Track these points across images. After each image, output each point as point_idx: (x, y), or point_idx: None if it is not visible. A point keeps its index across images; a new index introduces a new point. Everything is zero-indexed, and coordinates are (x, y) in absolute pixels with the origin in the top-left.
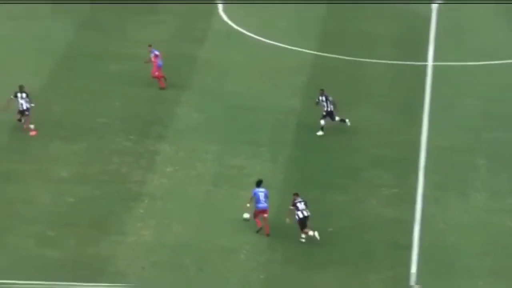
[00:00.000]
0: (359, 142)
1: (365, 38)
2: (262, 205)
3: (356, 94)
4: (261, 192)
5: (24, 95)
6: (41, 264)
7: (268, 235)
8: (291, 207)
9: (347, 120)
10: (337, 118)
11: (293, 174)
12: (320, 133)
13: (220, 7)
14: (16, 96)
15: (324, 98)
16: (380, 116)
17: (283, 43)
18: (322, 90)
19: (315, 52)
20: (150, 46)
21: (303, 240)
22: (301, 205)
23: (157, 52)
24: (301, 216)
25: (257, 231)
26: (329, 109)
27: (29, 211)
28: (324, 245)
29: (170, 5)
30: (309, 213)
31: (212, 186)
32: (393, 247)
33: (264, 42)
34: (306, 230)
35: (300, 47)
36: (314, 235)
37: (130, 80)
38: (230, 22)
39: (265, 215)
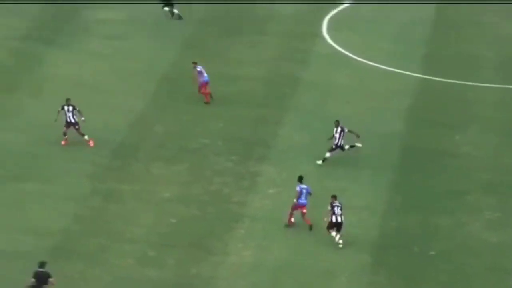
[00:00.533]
0: (464, 165)
1: (469, 61)
2: (303, 201)
3: (461, 117)
4: (304, 188)
5: (70, 108)
6: (141, 284)
7: (311, 226)
8: (329, 208)
9: (357, 144)
10: (346, 147)
11: (395, 197)
12: (319, 162)
13: (324, 29)
14: (62, 109)
15: (339, 130)
16: (485, 140)
17: (387, 66)
18: (338, 121)
19: (420, 75)
20: (195, 63)
21: (334, 234)
22: (337, 210)
23: (199, 69)
24: (334, 220)
25: (286, 226)
26: (339, 143)
27: (130, 231)
28: (427, 268)
29: (275, 26)
30: (343, 220)
31: (312, 208)
32: (496, 271)
33: (368, 64)
34: (331, 231)
35: (404, 70)
36: (338, 242)
37: (233, 101)
38: (334, 44)
39: (304, 210)
